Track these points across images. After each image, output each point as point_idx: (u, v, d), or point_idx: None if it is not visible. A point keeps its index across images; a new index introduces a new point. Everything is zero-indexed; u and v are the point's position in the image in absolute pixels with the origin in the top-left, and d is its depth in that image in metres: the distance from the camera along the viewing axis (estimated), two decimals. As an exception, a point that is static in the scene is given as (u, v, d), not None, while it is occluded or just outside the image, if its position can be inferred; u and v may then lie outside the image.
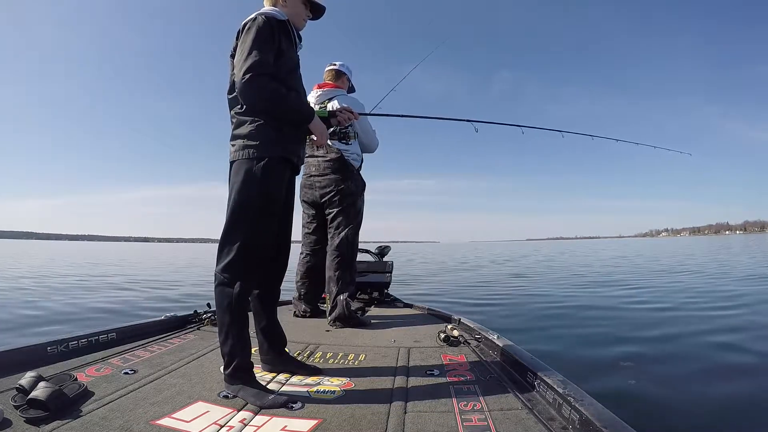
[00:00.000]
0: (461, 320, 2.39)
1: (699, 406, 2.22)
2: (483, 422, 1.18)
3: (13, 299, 6.11)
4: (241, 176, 1.43)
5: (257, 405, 1.29)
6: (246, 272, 1.43)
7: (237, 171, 1.45)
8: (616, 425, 1.02)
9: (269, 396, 1.33)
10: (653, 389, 2.43)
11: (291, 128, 1.52)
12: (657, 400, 2.28)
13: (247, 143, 1.44)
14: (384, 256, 3.71)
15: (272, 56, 1.44)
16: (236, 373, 1.38)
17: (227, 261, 1.42)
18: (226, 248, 1.43)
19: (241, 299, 1.41)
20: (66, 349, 1.75)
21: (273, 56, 1.44)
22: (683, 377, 2.66)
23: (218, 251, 1.45)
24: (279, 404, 1.29)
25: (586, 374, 2.60)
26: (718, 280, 8.03)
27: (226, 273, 1.42)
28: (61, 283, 8.54)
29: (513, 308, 5.36)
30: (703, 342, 3.45)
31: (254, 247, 1.43)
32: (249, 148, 1.44)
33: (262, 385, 1.42)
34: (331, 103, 2.62)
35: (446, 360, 1.79)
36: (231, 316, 1.40)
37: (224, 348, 1.40)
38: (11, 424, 1.11)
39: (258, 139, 1.44)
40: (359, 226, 2.71)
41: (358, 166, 2.72)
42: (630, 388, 2.47)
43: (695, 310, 4.96)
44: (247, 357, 1.41)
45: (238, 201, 1.43)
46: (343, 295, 2.52)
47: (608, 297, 6.16)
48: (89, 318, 4.83)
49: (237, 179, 1.44)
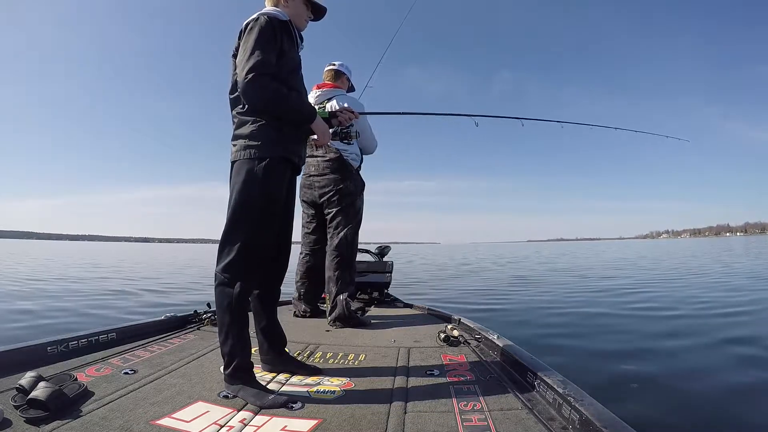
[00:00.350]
0: (461, 320, 2.39)
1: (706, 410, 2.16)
2: (483, 422, 1.18)
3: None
4: (242, 176, 1.43)
5: (257, 405, 1.29)
6: (246, 272, 1.43)
7: (238, 171, 1.45)
8: (616, 425, 1.02)
9: (269, 396, 1.33)
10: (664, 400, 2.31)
11: (292, 128, 1.52)
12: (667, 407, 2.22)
13: (249, 143, 1.44)
14: (384, 256, 3.72)
15: (274, 56, 1.44)
16: (236, 373, 1.38)
17: (228, 261, 1.42)
18: (226, 248, 1.43)
19: (241, 299, 1.41)
20: (66, 349, 1.75)
21: (275, 56, 1.44)
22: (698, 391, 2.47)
23: (218, 251, 1.45)
24: (279, 404, 1.29)
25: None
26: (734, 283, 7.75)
27: (226, 273, 1.42)
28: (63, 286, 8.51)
29: (522, 314, 5.09)
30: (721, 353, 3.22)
31: (255, 247, 1.43)
32: (250, 148, 1.44)
33: (262, 385, 1.41)
34: (330, 102, 2.63)
35: (446, 360, 1.79)
36: (231, 316, 1.40)
37: (224, 348, 1.40)
38: (11, 424, 1.11)
39: (259, 139, 1.44)
40: (359, 226, 2.70)
41: (357, 166, 2.72)
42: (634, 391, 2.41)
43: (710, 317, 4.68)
44: (247, 357, 1.41)
45: (239, 201, 1.43)
46: (343, 295, 2.52)
47: (621, 303, 5.78)
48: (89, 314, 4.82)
49: (238, 179, 1.44)
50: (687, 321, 4.54)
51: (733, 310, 4.99)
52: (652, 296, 6.44)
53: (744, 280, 8.34)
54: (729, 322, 4.35)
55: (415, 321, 2.62)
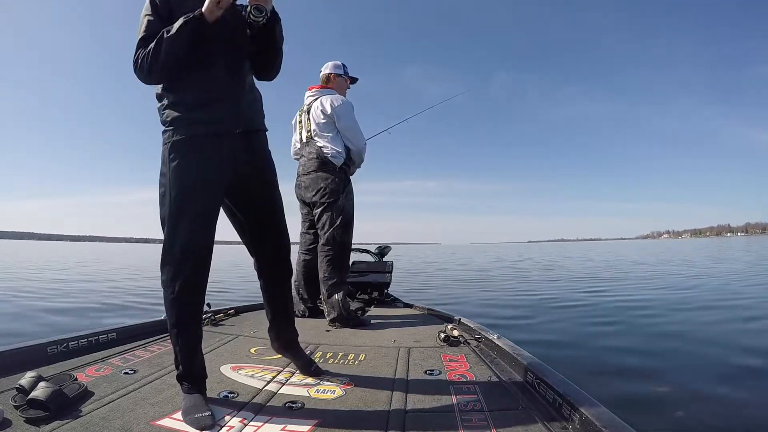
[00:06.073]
0: (461, 320, 2.39)
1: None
2: (483, 422, 1.18)
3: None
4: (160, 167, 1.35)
5: (183, 418, 1.19)
6: (174, 276, 1.29)
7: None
8: (616, 425, 1.02)
9: (196, 414, 1.18)
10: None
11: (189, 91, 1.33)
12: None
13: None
14: (384, 256, 3.72)
15: (155, 26, 1.28)
16: (180, 381, 1.33)
17: (160, 262, 1.32)
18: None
19: (171, 305, 1.31)
20: (66, 349, 1.75)
21: (156, 25, 1.28)
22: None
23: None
24: (200, 426, 1.14)
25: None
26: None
27: (161, 275, 1.32)
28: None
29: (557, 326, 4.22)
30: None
31: (177, 246, 1.31)
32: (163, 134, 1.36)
33: (200, 400, 1.26)
34: (317, 101, 2.67)
35: (446, 360, 1.79)
36: (168, 321, 1.34)
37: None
38: (11, 424, 1.11)
39: (164, 124, 1.35)
40: (348, 225, 2.65)
41: (339, 164, 2.65)
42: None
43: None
44: (188, 367, 1.32)
45: (161, 194, 1.33)
46: (338, 295, 2.51)
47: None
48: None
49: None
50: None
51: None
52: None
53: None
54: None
55: (415, 321, 2.62)
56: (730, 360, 2.92)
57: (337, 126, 2.63)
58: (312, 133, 2.67)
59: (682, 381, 2.54)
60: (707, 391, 2.37)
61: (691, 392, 2.38)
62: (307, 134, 2.69)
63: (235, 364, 1.71)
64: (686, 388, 2.43)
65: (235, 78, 1.38)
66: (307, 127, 2.70)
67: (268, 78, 1.52)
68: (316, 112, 2.64)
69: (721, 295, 6.09)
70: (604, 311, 4.95)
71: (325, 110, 2.60)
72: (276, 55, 1.47)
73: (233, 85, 1.37)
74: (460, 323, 2.36)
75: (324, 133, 2.63)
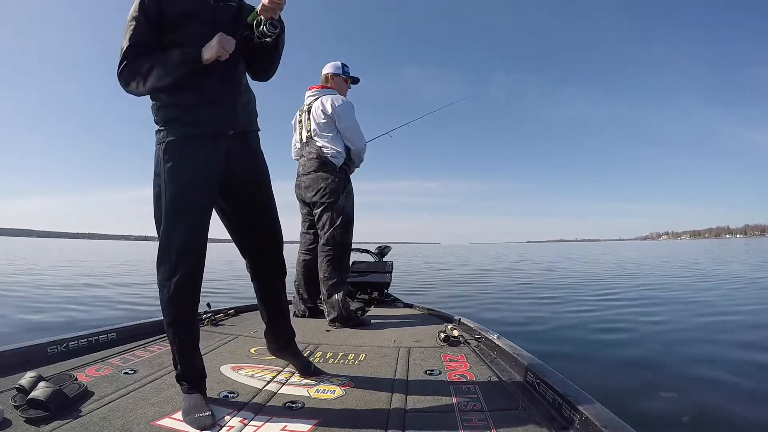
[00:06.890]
0: (461, 320, 2.39)
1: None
2: (483, 422, 1.18)
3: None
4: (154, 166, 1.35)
5: (183, 418, 1.20)
6: (169, 276, 1.29)
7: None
8: (616, 425, 1.02)
9: (196, 414, 1.19)
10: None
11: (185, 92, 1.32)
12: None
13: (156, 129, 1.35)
14: (384, 256, 3.72)
15: (141, 33, 1.26)
16: (178, 381, 1.33)
17: (156, 261, 1.32)
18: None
19: (167, 305, 1.31)
20: (66, 349, 1.75)
21: (143, 32, 1.26)
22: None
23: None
24: (200, 426, 1.15)
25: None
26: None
27: (157, 275, 1.32)
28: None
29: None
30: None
31: (173, 246, 1.30)
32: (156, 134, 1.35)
33: (200, 400, 1.26)
34: (318, 101, 2.66)
35: (446, 360, 1.79)
36: (164, 322, 1.33)
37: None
38: (11, 424, 1.11)
39: (158, 123, 1.34)
40: (348, 225, 2.65)
41: (339, 164, 2.65)
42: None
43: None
44: (187, 368, 1.33)
45: (155, 194, 1.33)
46: (338, 295, 2.51)
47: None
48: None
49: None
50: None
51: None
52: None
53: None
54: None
55: (415, 321, 2.62)
56: (740, 368, 2.83)
57: (337, 126, 2.63)
58: (312, 133, 2.67)
59: (689, 387, 2.52)
60: (715, 398, 2.35)
61: (697, 398, 2.35)
62: (307, 134, 2.69)
63: (235, 364, 1.71)
64: (692, 394, 2.41)
65: (230, 80, 1.37)
66: (307, 127, 2.70)
67: (264, 80, 1.52)
68: (316, 112, 2.65)
69: (733, 301, 5.86)
70: (614, 316, 4.82)
71: (325, 110, 2.60)
72: (276, 61, 1.47)
73: (228, 86, 1.36)
74: (460, 323, 2.36)
75: (324, 133, 2.63)
